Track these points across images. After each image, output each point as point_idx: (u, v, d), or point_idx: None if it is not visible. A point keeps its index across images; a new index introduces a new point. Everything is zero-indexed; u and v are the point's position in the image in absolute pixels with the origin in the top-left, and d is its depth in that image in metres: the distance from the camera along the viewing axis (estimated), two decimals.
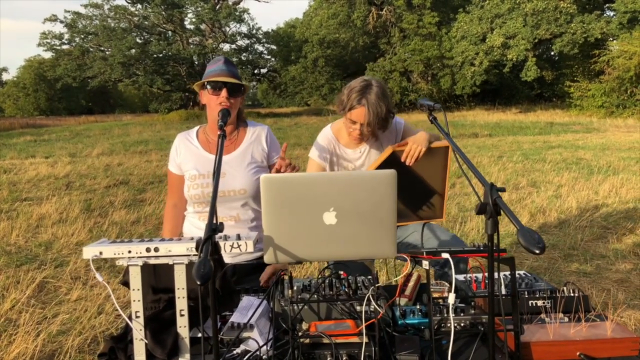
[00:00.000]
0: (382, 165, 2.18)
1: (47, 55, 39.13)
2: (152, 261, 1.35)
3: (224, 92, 2.01)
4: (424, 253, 1.32)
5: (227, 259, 2.04)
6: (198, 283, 0.99)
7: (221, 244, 1.37)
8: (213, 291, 1.17)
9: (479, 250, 1.35)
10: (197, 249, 1.13)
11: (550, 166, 9.11)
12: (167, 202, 2.27)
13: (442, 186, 2.20)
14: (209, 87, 2.04)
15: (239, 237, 1.40)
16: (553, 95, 34.62)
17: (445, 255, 1.30)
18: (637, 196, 6.44)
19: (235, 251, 1.38)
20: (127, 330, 1.41)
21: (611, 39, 23.92)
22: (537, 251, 0.96)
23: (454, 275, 1.26)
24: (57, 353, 2.82)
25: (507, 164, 9.39)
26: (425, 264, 1.32)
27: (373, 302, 1.33)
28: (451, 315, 1.32)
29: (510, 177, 8.05)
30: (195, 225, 2.14)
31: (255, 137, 2.20)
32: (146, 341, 1.32)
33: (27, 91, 52.79)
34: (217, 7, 32.61)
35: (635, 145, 11.91)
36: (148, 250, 1.37)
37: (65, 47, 34.30)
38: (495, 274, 1.67)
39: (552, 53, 31.27)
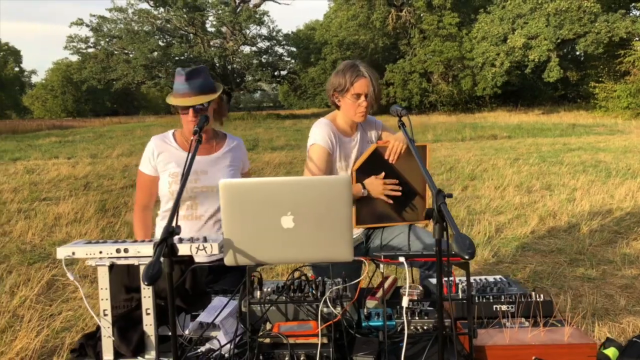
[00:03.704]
0: (367, 162, 2.25)
1: (74, 58, 40.11)
2: (121, 262, 1.41)
3: (190, 114, 2.05)
4: (382, 256, 1.35)
5: (203, 258, 2.09)
6: (145, 283, 1.04)
7: (187, 245, 1.42)
8: (171, 291, 1.22)
9: (431, 255, 1.37)
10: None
11: (567, 169, 8.95)
12: (136, 205, 2.28)
13: (423, 187, 2.23)
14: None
15: (205, 240, 1.45)
16: (578, 96, 33.93)
17: (401, 259, 1.32)
18: None
19: (201, 253, 1.43)
20: (99, 327, 1.47)
21: (637, 38, 23.33)
22: (467, 256, 0.98)
23: (407, 279, 1.29)
24: (58, 349, 2.92)
25: (523, 167, 9.27)
26: (382, 267, 1.35)
27: (329, 304, 1.36)
28: (404, 318, 1.34)
29: (524, 180, 7.94)
30: None
31: (234, 147, 2.30)
32: (113, 338, 1.38)
33: (54, 93, 54.19)
34: (238, 10, 32.95)
35: None
36: (118, 251, 1.43)
37: (91, 50, 35.13)
38: (457, 278, 1.69)
39: (578, 53, 30.67)
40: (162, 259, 1.15)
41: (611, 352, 1.98)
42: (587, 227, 5.22)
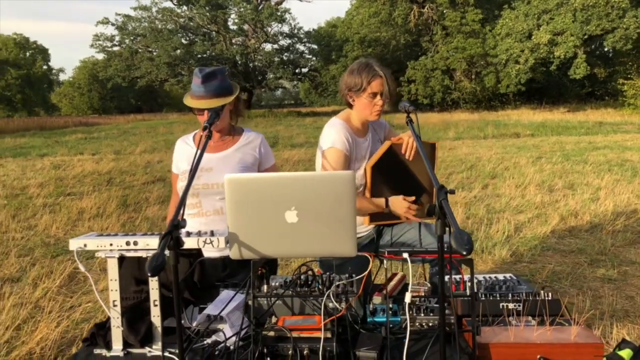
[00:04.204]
0: (382, 159, 2.25)
1: (100, 56, 41.00)
2: (130, 254, 1.45)
3: (206, 115, 2.08)
4: (386, 252, 1.35)
5: (215, 253, 2.12)
6: (148, 275, 1.07)
7: (194, 239, 1.44)
8: (176, 283, 1.24)
9: (434, 251, 1.37)
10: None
11: (592, 168, 8.76)
12: (172, 200, 2.46)
13: (431, 184, 2.22)
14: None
15: (212, 234, 1.47)
16: (606, 94, 33.14)
17: (405, 255, 1.32)
18: None
19: (208, 247, 1.45)
20: (110, 318, 1.51)
21: None
22: (464, 252, 0.98)
23: (410, 275, 1.29)
24: (77, 339, 3.00)
25: (545, 165, 9.10)
26: (386, 263, 1.35)
27: (332, 299, 1.37)
28: (407, 314, 1.34)
29: (547, 179, 7.80)
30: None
31: (249, 142, 2.28)
32: (122, 328, 1.42)
33: (81, 91, 55.49)
34: (260, 8, 33.13)
35: None
36: (128, 243, 1.46)
37: (116, 48, 35.81)
38: (466, 276, 1.67)
39: (606, 49, 29.92)
40: (167, 251, 1.18)
41: (626, 353, 1.94)
42: (610, 227, 5.10)
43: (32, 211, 6.57)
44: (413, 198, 2.18)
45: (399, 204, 2.18)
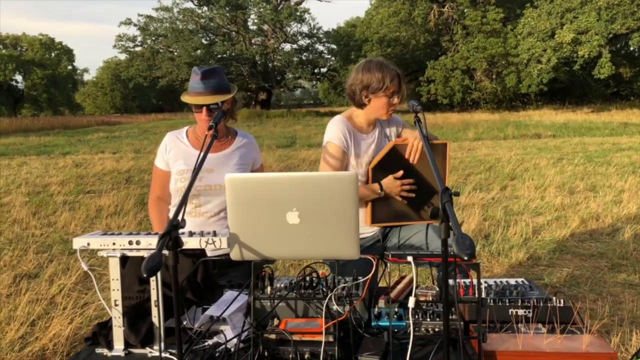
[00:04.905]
0: (384, 160, 2.21)
1: (123, 56, 41.69)
2: (133, 253, 1.44)
3: (204, 112, 2.09)
4: (390, 255, 1.31)
5: (207, 252, 2.10)
6: (144, 275, 1.05)
7: (196, 239, 1.43)
8: (176, 283, 1.23)
9: (439, 255, 1.33)
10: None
11: (615, 169, 8.54)
12: (150, 195, 2.36)
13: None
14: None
15: (214, 234, 1.46)
16: (631, 94, 32.35)
17: (409, 259, 1.28)
18: None
19: (210, 247, 1.44)
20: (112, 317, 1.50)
21: None
22: (465, 257, 0.94)
23: (415, 277, 1.25)
24: None
25: (567, 167, 8.91)
26: (389, 266, 1.31)
27: (334, 302, 1.34)
28: (410, 318, 1.30)
29: (567, 181, 7.63)
30: None
31: (245, 144, 2.31)
32: (123, 328, 1.41)
33: (104, 90, 56.53)
34: (279, 8, 33.24)
35: None
36: (130, 243, 1.46)
37: (138, 48, 36.34)
38: (475, 280, 1.63)
39: (632, 48, 29.22)
40: (165, 251, 1.16)
41: None
42: (632, 230, 4.96)
43: (52, 208, 6.69)
44: (401, 175, 2.18)
45: (391, 184, 2.18)
